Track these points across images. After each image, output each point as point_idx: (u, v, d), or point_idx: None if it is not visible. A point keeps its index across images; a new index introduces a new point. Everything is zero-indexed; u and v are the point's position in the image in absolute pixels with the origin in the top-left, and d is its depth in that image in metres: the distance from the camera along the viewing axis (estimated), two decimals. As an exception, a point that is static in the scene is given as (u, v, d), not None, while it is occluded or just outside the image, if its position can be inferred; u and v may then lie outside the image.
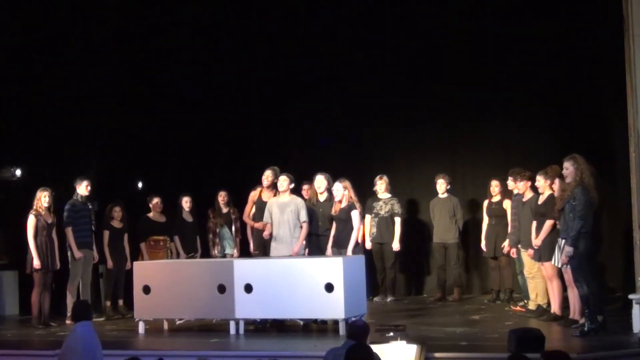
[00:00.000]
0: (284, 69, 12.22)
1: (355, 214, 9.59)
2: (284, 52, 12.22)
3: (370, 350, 5.28)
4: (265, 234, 9.58)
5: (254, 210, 10.14)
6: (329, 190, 9.75)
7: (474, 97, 11.67)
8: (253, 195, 10.29)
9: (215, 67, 12.43)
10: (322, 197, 9.79)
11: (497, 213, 10.70)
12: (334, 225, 9.67)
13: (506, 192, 10.53)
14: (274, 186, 9.79)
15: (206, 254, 11.18)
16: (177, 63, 12.40)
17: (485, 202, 10.91)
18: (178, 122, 12.42)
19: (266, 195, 9.93)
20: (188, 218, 11.18)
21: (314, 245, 9.67)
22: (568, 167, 7.91)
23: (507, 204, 10.48)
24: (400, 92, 11.88)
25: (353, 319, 8.23)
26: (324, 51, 12.05)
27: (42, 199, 9.79)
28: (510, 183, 10.09)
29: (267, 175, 9.94)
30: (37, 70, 11.24)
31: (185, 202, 11.15)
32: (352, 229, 9.55)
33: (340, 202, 9.59)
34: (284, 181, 9.44)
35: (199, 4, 12.05)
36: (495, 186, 10.74)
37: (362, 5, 11.83)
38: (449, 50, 11.58)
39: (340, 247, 9.57)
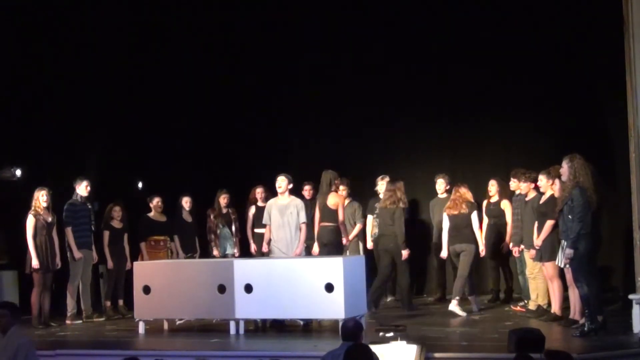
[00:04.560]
0: (285, 68, 12.23)
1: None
2: (285, 52, 12.22)
3: (369, 349, 5.28)
4: (265, 240, 9.55)
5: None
6: None
7: (474, 96, 11.66)
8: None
9: (216, 67, 12.42)
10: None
11: (495, 213, 10.65)
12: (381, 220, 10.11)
13: (504, 192, 10.50)
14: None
15: (206, 254, 11.16)
16: (178, 62, 12.39)
17: (485, 203, 10.90)
18: (178, 122, 12.42)
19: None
20: (188, 218, 11.17)
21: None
22: (563, 167, 7.92)
23: (504, 204, 10.47)
24: (400, 92, 11.87)
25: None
26: (324, 50, 12.04)
27: (40, 198, 9.79)
28: (513, 183, 10.07)
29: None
30: (36, 70, 11.23)
31: (186, 202, 11.13)
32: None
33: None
34: (282, 182, 9.36)
35: (199, 3, 12.06)
36: (491, 185, 10.70)
37: (363, 5, 11.82)
38: (449, 50, 11.57)
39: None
